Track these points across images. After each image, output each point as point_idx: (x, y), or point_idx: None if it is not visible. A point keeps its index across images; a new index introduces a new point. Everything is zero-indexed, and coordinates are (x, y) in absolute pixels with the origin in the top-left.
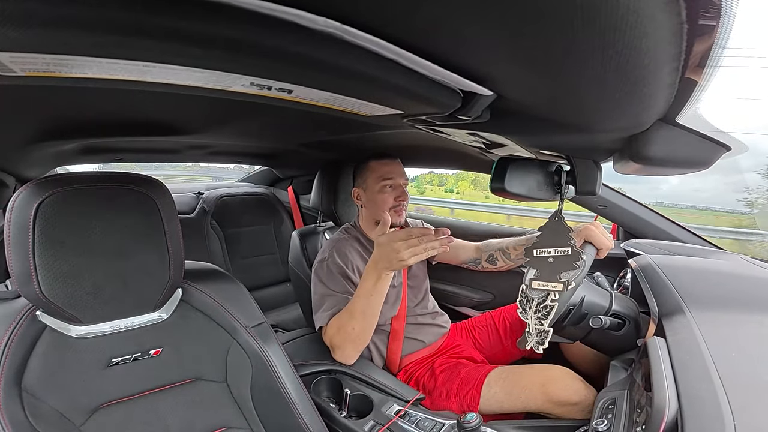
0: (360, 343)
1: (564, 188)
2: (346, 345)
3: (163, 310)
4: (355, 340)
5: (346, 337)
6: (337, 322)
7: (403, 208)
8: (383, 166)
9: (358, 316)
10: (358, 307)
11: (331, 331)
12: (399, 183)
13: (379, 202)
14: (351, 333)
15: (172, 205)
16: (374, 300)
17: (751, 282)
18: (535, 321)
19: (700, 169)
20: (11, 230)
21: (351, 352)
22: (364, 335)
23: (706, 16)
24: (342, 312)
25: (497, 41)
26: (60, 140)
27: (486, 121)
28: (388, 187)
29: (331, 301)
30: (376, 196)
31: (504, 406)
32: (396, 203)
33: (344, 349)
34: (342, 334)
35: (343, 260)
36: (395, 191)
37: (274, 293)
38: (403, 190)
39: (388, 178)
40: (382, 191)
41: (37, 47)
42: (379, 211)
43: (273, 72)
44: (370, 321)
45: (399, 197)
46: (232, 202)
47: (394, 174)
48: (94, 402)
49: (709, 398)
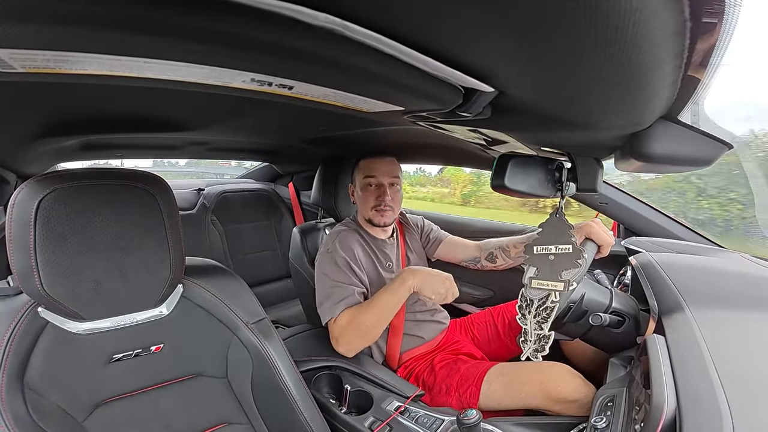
0: (368, 339)
1: (565, 185)
2: (356, 338)
3: (164, 306)
4: (366, 335)
5: (358, 331)
6: (351, 313)
7: (387, 208)
8: (369, 163)
9: (375, 312)
10: (379, 304)
11: (342, 322)
12: (381, 182)
13: (362, 201)
14: (363, 327)
15: (172, 201)
16: (395, 301)
17: (751, 280)
18: (534, 326)
19: (702, 167)
20: (13, 227)
21: (357, 345)
22: (374, 331)
23: (710, 13)
24: (360, 305)
25: (499, 38)
26: (60, 137)
27: (487, 118)
28: (370, 186)
29: (339, 292)
30: (361, 194)
31: (503, 402)
32: (377, 203)
33: (351, 342)
34: (354, 326)
35: (347, 253)
36: (377, 190)
37: (275, 289)
38: (385, 189)
39: (370, 176)
40: (365, 189)
41: (37, 44)
42: (364, 210)
43: (274, 68)
44: (384, 321)
45: (380, 197)
46: (232, 199)
47: (377, 172)
48: (95, 398)
49: (708, 396)
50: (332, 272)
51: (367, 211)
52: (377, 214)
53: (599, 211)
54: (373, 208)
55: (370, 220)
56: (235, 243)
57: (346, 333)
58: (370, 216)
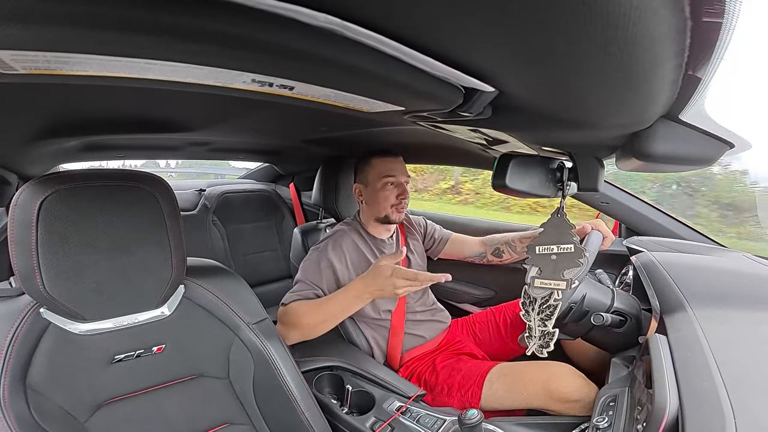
0: (306, 336)
1: (566, 185)
2: (294, 331)
3: (165, 307)
4: (304, 331)
5: (297, 325)
6: (298, 307)
7: (404, 206)
8: (386, 163)
9: (320, 315)
10: (325, 308)
11: (288, 311)
12: (401, 181)
13: (380, 200)
14: (303, 324)
15: (174, 202)
16: (343, 310)
17: (753, 279)
18: (538, 322)
19: (703, 167)
20: (14, 228)
21: (293, 338)
22: (313, 331)
23: (711, 12)
24: (308, 302)
25: (499, 38)
26: (62, 138)
27: (488, 118)
28: (390, 185)
29: (300, 287)
30: (378, 193)
31: (505, 402)
32: (398, 201)
33: (289, 333)
34: (295, 320)
35: (337, 254)
36: (397, 189)
37: (276, 289)
38: (404, 188)
39: (391, 176)
40: (384, 188)
41: (38, 45)
42: (380, 208)
43: (274, 69)
44: (325, 325)
45: (400, 195)
46: (233, 199)
47: (397, 171)
48: (97, 398)
49: (711, 396)
50: (310, 269)
51: (386, 208)
52: (396, 211)
53: (601, 210)
54: (393, 206)
55: (386, 218)
56: (237, 243)
57: (287, 322)
58: (388, 213)
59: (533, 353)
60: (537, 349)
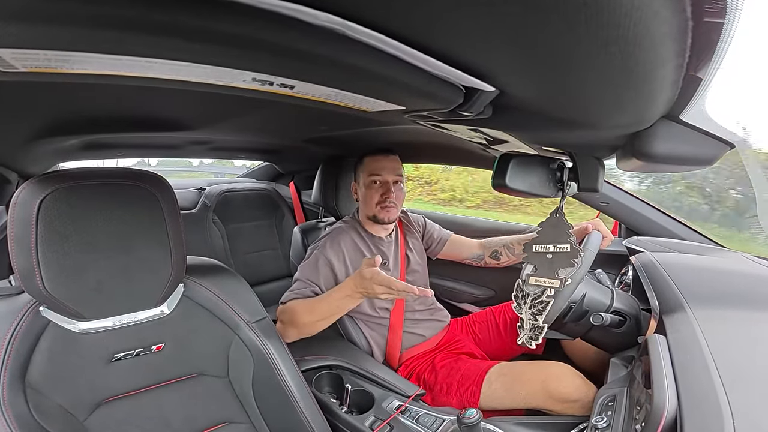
0: (304, 334)
1: (566, 185)
2: (291, 329)
3: (165, 306)
4: (301, 329)
5: (295, 324)
6: (295, 306)
7: (392, 205)
8: (374, 162)
9: (315, 313)
10: (320, 307)
11: (286, 310)
12: (386, 179)
13: (367, 198)
14: (300, 322)
15: (174, 201)
16: (338, 308)
17: (752, 280)
18: (529, 316)
19: (704, 167)
20: (14, 226)
21: (292, 336)
22: (310, 329)
23: (712, 12)
24: (305, 301)
25: (499, 37)
26: (62, 136)
27: (488, 117)
28: (375, 183)
29: (298, 285)
30: (365, 191)
31: (504, 402)
32: (381, 200)
33: (287, 331)
34: (293, 318)
35: (335, 252)
36: (382, 188)
37: (276, 288)
38: (389, 187)
39: (376, 174)
40: (370, 187)
41: (38, 44)
42: (368, 207)
43: (275, 68)
44: (322, 323)
45: (384, 194)
46: (233, 198)
47: (384, 171)
48: (97, 397)
49: (709, 396)
50: (307, 268)
51: (371, 207)
52: (382, 210)
53: (601, 210)
54: (378, 205)
55: (374, 217)
56: (236, 242)
57: (285, 320)
58: (375, 212)
59: (532, 353)
60: (526, 341)
